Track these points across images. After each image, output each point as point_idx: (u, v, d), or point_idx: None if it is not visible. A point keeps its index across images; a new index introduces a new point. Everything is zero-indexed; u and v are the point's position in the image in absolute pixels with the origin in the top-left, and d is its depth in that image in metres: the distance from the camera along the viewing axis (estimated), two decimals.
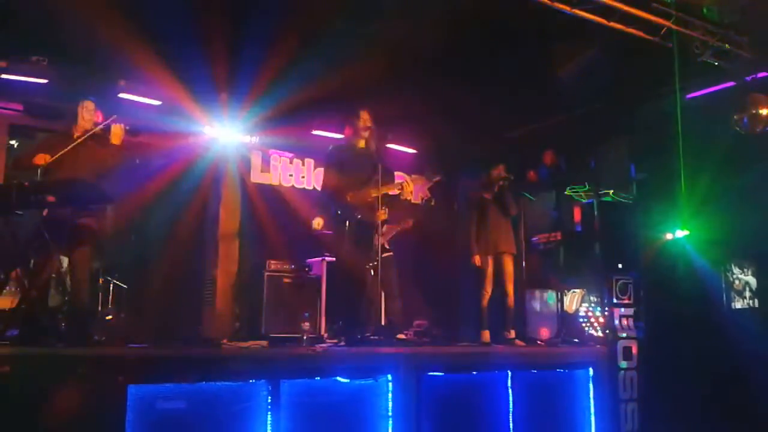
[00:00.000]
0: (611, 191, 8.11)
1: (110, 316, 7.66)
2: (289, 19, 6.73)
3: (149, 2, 6.43)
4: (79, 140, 5.67)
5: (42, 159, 5.52)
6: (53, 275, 6.44)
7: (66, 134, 5.89)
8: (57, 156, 5.53)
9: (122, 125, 5.84)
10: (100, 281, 7.73)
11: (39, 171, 5.61)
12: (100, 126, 5.80)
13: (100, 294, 7.68)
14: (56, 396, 4.09)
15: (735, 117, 7.40)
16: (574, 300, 8.51)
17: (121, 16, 6.44)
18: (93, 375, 4.24)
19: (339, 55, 7.14)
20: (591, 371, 6.81)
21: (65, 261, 5.95)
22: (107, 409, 4.25)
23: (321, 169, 8.79)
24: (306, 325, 6.14)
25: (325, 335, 7.28)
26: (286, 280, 7.90)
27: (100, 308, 7.60)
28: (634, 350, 7.06)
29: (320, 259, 8.63)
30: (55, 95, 7.51)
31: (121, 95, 8.00)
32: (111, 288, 7.85)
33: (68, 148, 5.57)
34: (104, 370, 4.30)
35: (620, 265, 7.47)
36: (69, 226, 5.50)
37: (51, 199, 5.29)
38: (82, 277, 5.78)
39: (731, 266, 8.28)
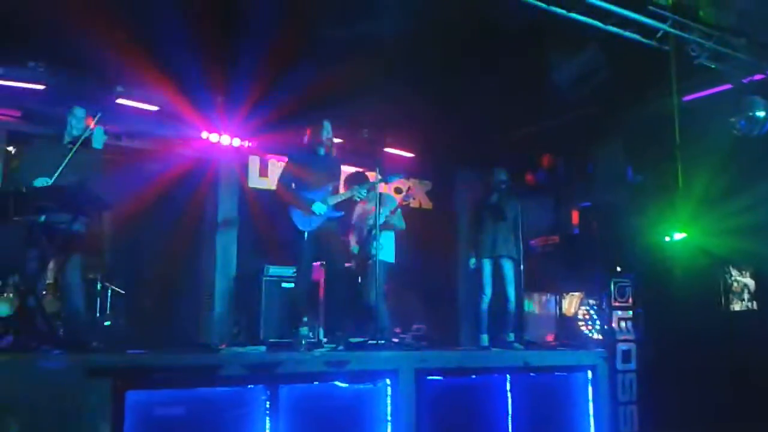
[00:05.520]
0: None
1: (108, 322, 7.66)
2: (286, 23, 6.73)
3: (146, 8, 6.44)
4: (72, 148, 5.63)
5: None
6: (50, 281, 6.44)
7: (55, 140, 5.86)
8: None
9: (103, 129, 5.82)
10: (98, 287, 7.72)
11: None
12: (87, 132, 5.77)
13: (99, 300, 7.67)
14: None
15: (732, 119, 7.41)
16: (572, 303, 8.52)
17: (118, 22, 6.44)
18: (91, 381, 4.23)
19: (336, 58, 7.15)
20: (590, 374, 6.81)
21: (63, 266, 5.93)
22: (105, 415, 4.24)
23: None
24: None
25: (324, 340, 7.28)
26: (285, 285, 7.89)
27: (98, 314, 7.59)
28: (633, 353, 7.05)
29: (318, 263, 8.62)
30: (52, 101, 7.50)
31: (119, 101, 8.00)
32: (109, 294, 7.85)
33: (66, 159, 5.52)
34: (102, 376, 4.29)
35: (618, 268, 7.46)
36: (66, 231, 5.48)
37: (49, 205, 5.28)
38: (77, 282, 5.76)
39: (729, 268, 8.28)
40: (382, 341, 6.38)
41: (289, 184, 6.63)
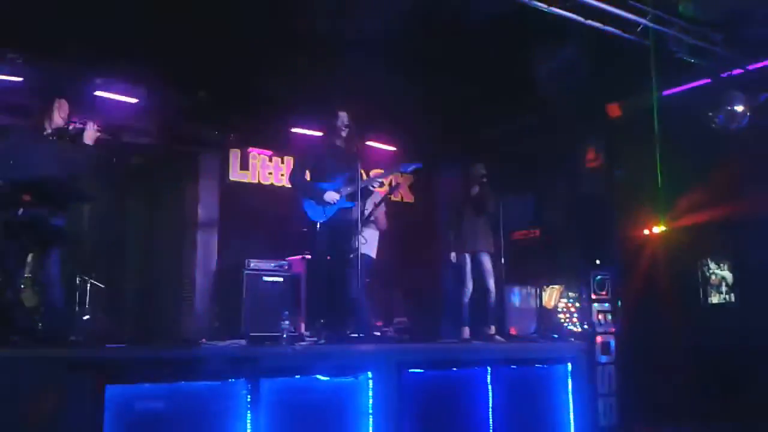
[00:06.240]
0: None
1: (87, 316, 7.61)
2: (269, 17, 6.70)
3: None
4: (56, 137, 5.57)
5: None
6: (29, 275, 6.38)
7: (36, 130, 5.78)
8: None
9: (96, 126, 5.77)
10: (78, 281, 7.66)
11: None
12: (76, 125, 5.72)
13: (78, 294, 7.61)
14: (33, 397, 4.06)
15: (710, 113, 7.47)
16: (552, 295, 8.57)
17: (97, 13, 6.38)
18: (70, 375, 4.20)
19: (319, 52, 7.13)
20: (570, 366, 6.85)
21: (42, 260, 5.88)
22: (85, 409, 4.21)
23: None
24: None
25: (306, 333, 7.26)
26: (266, 279, 7.87)
27: (77, 308, 7.53)
28: (613, 345, 7.10)
29: (300, 257, 8.62)
30: (30, 94, 7.41)
31: (98, 93, 7.92)
32: (88, 287, 7.79)
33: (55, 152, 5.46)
34: (82, 370, 4.27)
35: (598, 261, 7.51)
36: (45, 224, 5.44)
37: (27, 198, 5.23)
38: (56, 276, 5.71)
39: (707, 261, 8.36)
40: (363, 334, 6.39)
41: (301, 177, 6.62)
